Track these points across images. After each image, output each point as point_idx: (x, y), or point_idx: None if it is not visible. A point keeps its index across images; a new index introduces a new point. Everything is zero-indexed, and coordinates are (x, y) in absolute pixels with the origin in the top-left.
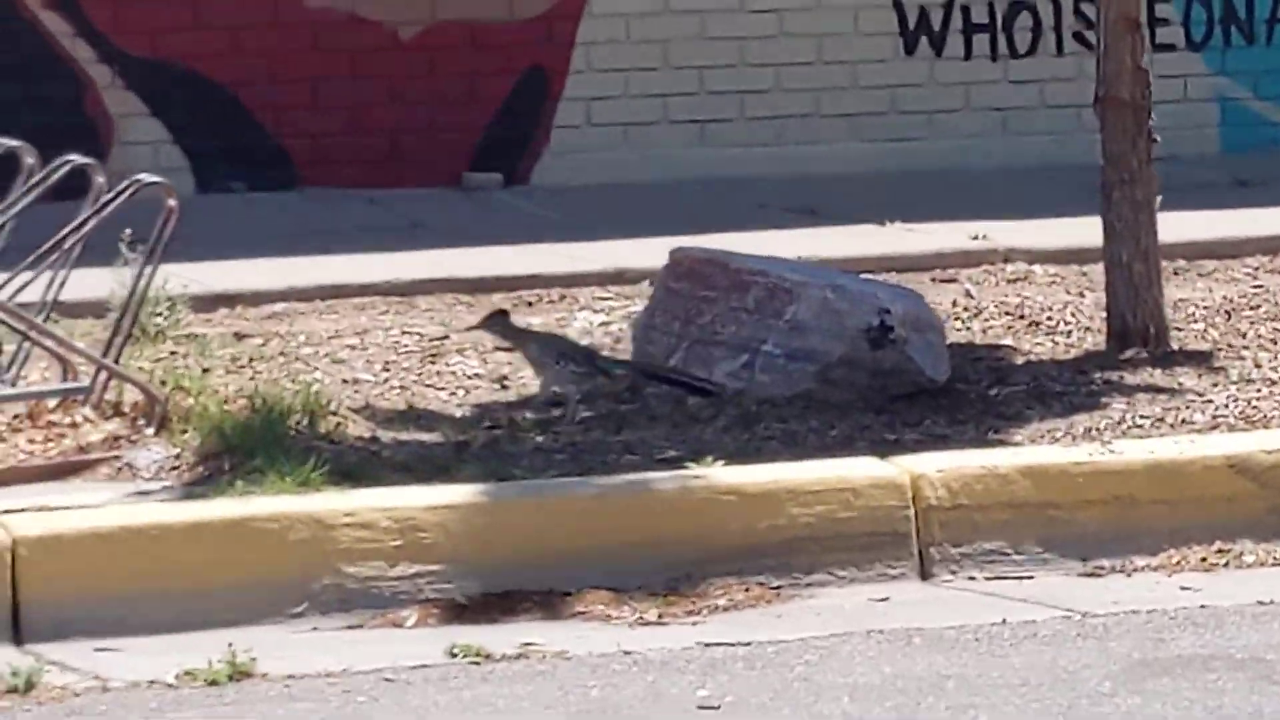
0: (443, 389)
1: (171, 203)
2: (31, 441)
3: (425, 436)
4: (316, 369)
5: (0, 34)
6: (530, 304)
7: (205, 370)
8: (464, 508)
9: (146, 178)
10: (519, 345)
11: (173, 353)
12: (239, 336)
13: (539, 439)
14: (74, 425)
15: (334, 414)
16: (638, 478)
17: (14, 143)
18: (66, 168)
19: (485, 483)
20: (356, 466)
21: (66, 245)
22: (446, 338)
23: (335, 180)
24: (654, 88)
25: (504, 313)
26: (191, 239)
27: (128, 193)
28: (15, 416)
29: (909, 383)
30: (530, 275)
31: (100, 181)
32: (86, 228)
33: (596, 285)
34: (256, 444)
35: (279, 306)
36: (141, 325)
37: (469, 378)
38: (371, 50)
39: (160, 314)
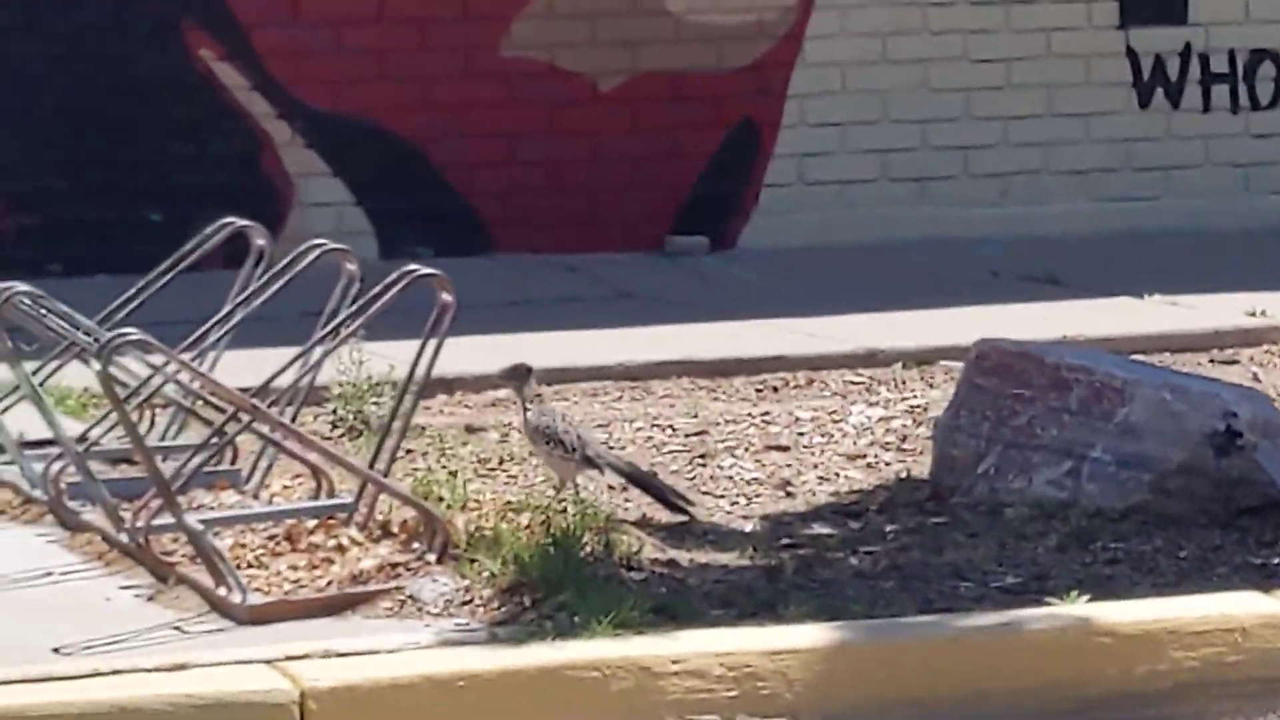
0: (721, 496)
1: (351, 268)
2: (294, 569)
3: (724, 558)
4: None
5: (173, 88)
6: (776, 389)
7: (453, 474)
8: (805, 653)
9: (327, 244)
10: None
11: (408, 450)
12: (471, 430)
13: (853, 560)
14: (340, 549)
15: (621, 533)
16: (998, 617)
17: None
18: (226, 231)
19: (823, 622)
20: (670, 601)
21: (236, 318)
22: (705, 432)
23: (530, 244)
24: (871, 142)
25: (528, 369)
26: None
27: (307, 259)
28: (271, 538)
29: (1257, 494)
30: (774, 357)
31: (260, 245)
32: (261, 298)
33: (845, 368)
34: (560, 576)
35: (502, 393)
36: (362, 415)
37: (747, 483)
38: (569, 103)
39: (378, 402)
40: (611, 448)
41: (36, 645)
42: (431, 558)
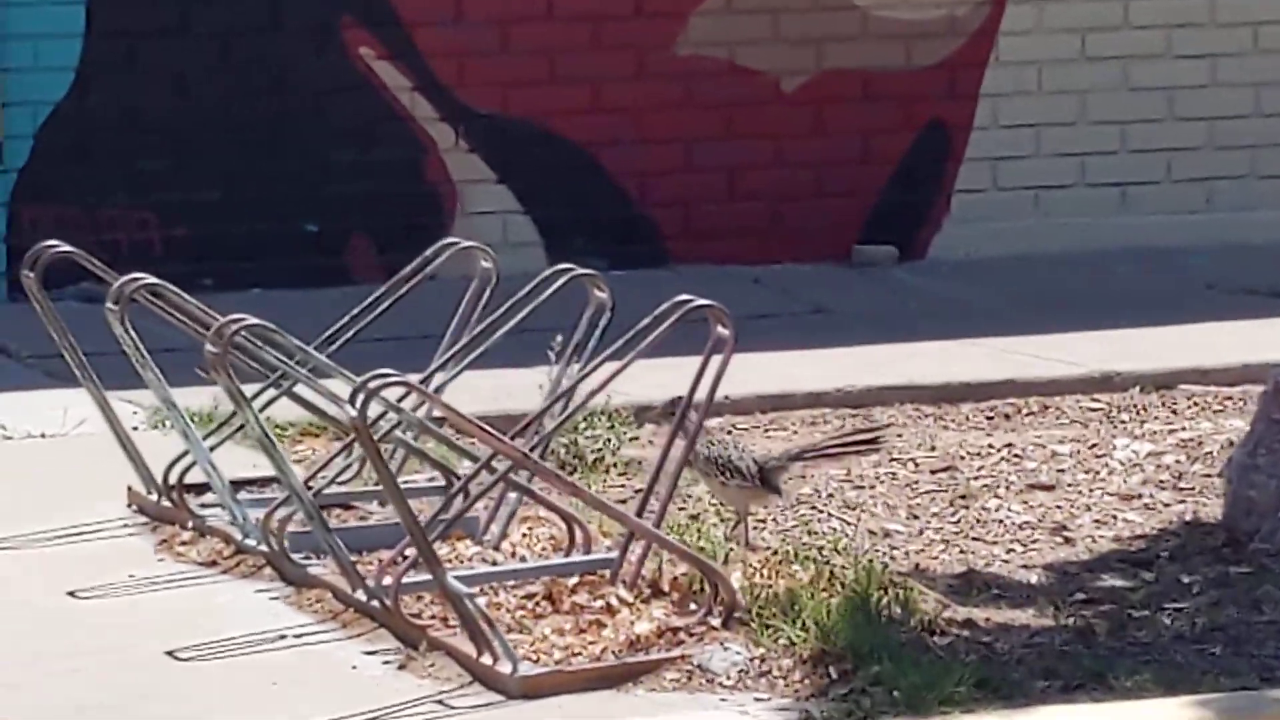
0: (994, 543)
1: (602, 295)
2: (560, 633)
3: (1022, 616)
4: (825, 512)
5: (332, 91)
6: (1008, 416)
7: (694, 518)
8: None
9: (575, 268)
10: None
11: (636, 492)
12: (692, 465)
13: (1165, 619)
14: (609, 610)
15: (909, 588)
16: None
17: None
18: (449, 252)
19: (1165, 695)
20: (991, 675)
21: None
22: (952, 468)
23: (708, 255)
24: (1069, 146)
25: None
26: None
27: (555, 285)
28: (528, 597)
29: None
30: (1003, 381)
31: (487, 268)
32: (506, 327)
33: (1080, 393)
34: (869, 644)
35: (711, 421)
36: (576, 448)
37: (1019, 527)
38: (750, 104)
39: (593, 435)
40: (859, 487)
41: None
42: (715, 621)
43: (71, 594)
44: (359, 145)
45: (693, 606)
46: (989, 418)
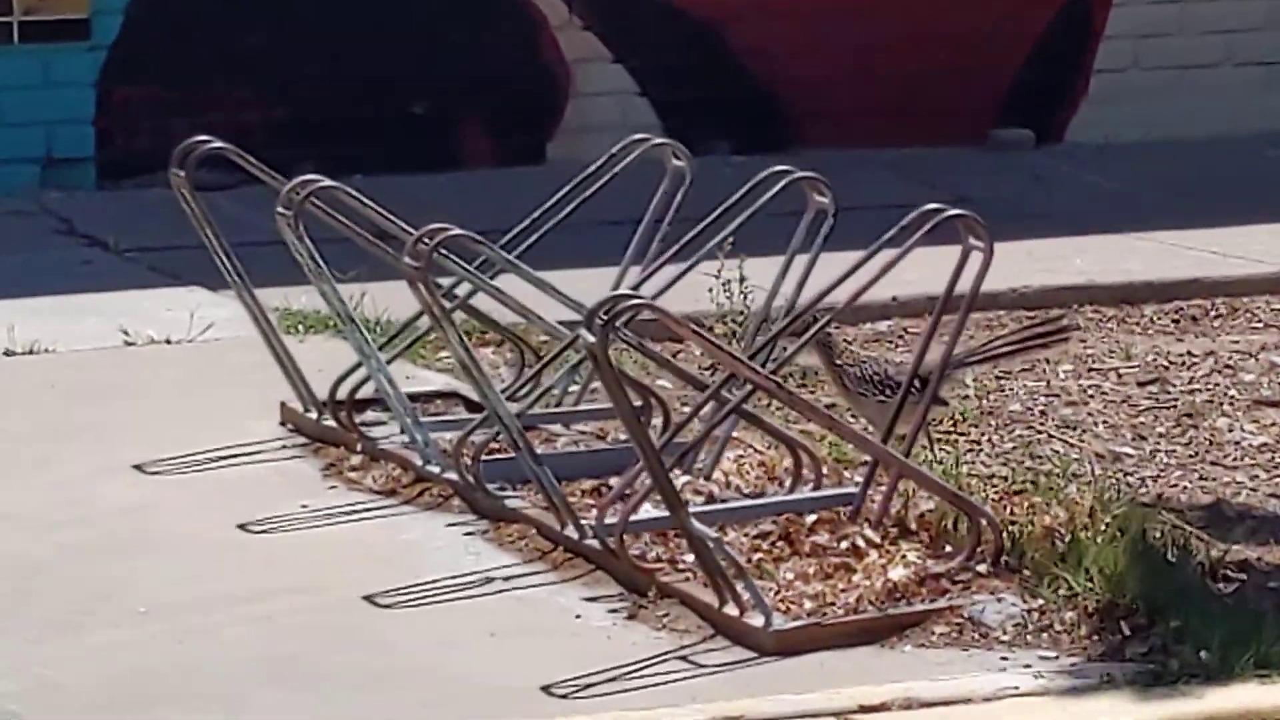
0: (1234, 468)
1: (823, 200)
2: (804, 578)
3: None
4: (1044, 433)
5: None
6: (1195, 319)
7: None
8: None
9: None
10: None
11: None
12: None
13: None
14: (855, 553)
15: (1171, 524)
16: None
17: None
18: (640, 149)
19: None
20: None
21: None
22: (1159, 380)
23: (837, 139)
24: (1213, 23)
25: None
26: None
27: (776, 187)
28: (760, 537)
29: None
30: (1187, 281)
31: (679, 165)
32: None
33: (1269, 293)
34: (1161, 595)
35: (883, 325)
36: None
37: (1257, 449)
38: None
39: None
40: (1072, 403)
41: (518, 681)
42: (981, 567)
43: (242, 527)
44: (468, 22)
45: (947, 548)
46: (1175, 321)
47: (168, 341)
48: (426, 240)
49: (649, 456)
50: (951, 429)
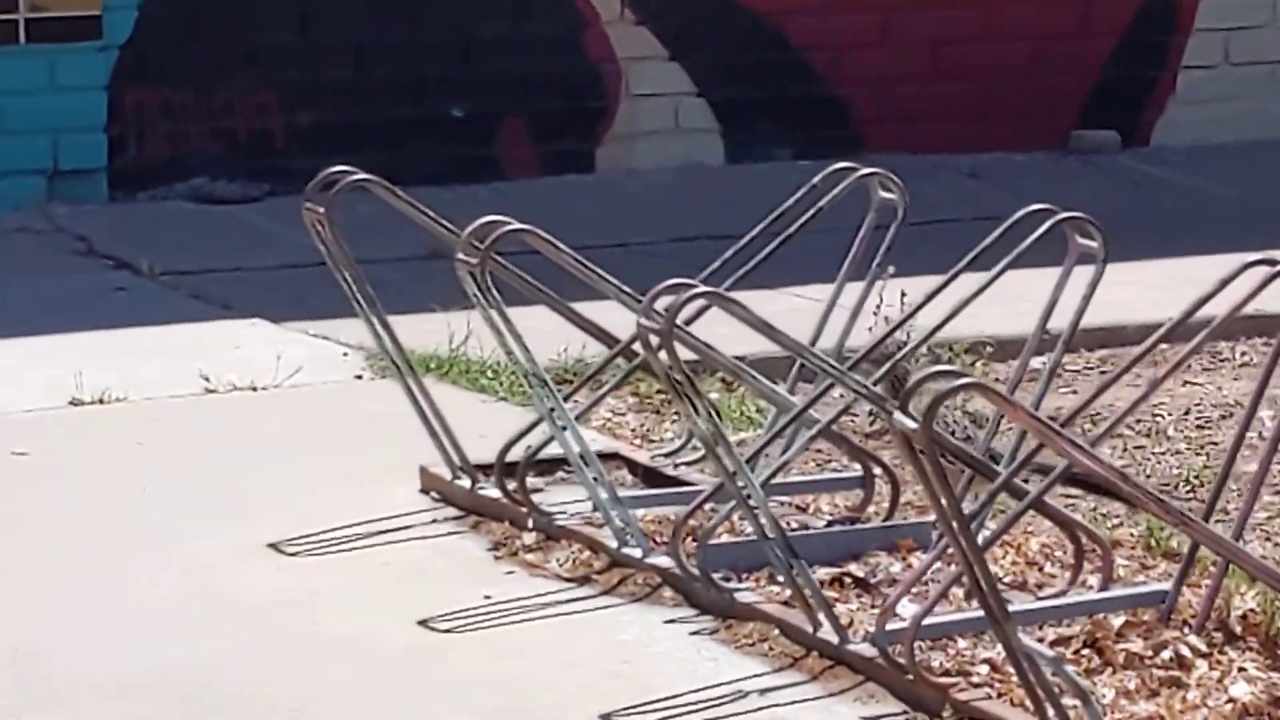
0: None
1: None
2: (1129, 696)
3: None
4: None
5: None
6: None
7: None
8: None
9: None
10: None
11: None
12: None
13: None
14: (1180, 663)
15: None
16: None
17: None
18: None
19: None
20: None
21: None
22: None
23: (907, 143)
24: None
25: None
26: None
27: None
28: (1061, 640)
29: None
30: None
31: (889, 198)
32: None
33: None
34: None
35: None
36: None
37: None
38: None
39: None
40: None
41: None
42: None
43: (424, 624)
44: (511, 17)
45: None
46: None
47: (253, 388)
48: (667, 299)
49: (969, 552)
50: (1190, 494)
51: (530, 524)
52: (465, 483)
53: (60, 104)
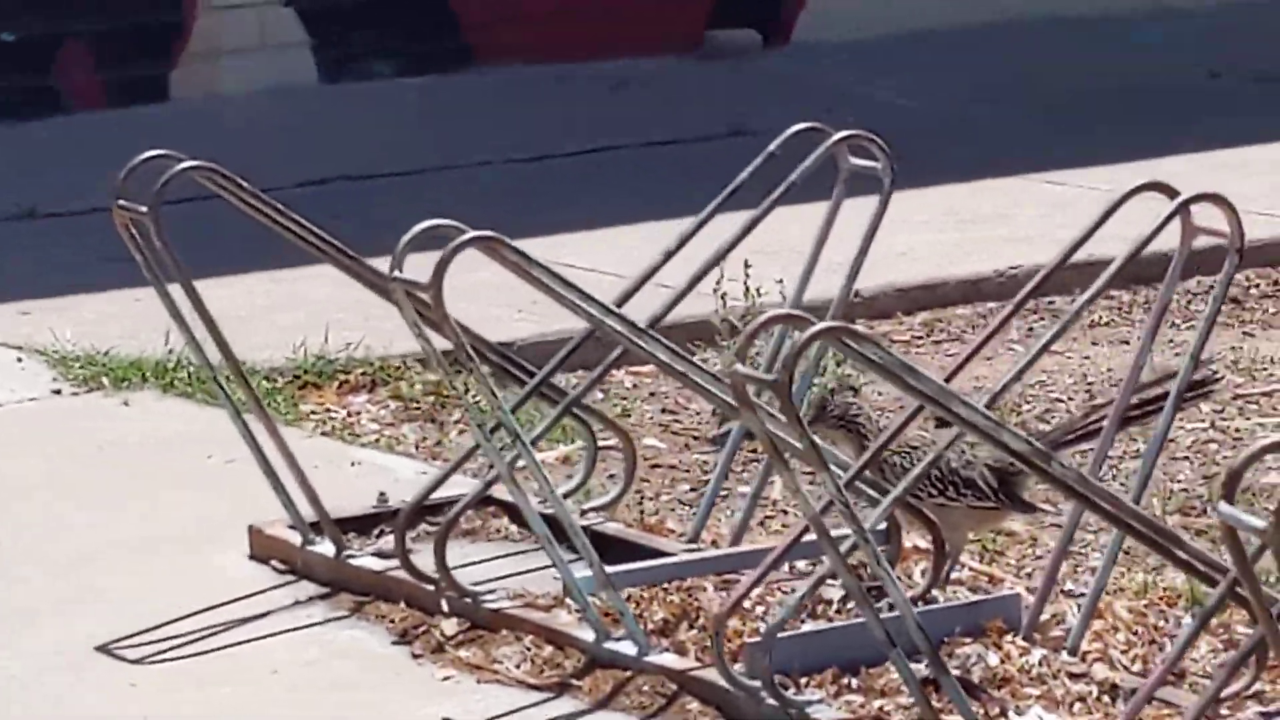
0: None
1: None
2: None
3: None
4: None
5: None
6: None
7: None
8: None
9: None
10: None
11: None
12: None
13: None
14: None
15: None
16: None
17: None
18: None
19: None
20: None
21: None
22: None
23: (519, 53)
24: None
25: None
26: None
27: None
28: None
29: None
30: None
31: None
32: None
33: None
34: None
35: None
36: None
37: None
38: None
39: None
40: None
41: None
42: None
43: None
44: None
45: None
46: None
47: None
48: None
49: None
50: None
51: (444, 606)
52: (325, 548)
53: None
